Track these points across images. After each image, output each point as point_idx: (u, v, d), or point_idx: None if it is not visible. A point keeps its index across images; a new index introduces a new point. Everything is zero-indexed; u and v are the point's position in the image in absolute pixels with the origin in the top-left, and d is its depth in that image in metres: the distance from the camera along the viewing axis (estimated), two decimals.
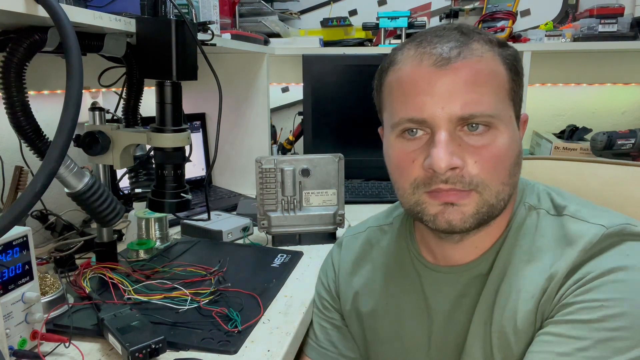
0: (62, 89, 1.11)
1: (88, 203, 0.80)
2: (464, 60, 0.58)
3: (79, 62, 0.59)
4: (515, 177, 0.63)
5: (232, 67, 1.60)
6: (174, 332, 0.74)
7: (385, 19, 1.77)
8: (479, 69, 0.58)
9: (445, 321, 0.69)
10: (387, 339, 0.75)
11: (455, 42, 0.59)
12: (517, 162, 0.62)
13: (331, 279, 0.84)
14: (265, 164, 1.11)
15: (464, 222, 0.60)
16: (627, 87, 1.99)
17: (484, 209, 0.60)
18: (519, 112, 0.65)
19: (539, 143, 1.89)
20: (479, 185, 0.59)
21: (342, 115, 1.68)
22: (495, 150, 0.59)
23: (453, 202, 0.60)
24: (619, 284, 0.55)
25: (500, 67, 0.61)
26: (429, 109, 0.58)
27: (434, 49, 0.59)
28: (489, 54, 0.60)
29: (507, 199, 0.62)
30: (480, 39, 0.61)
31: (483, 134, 0.59)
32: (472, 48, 0.59)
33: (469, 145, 0.59)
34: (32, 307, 0.68)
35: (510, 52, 0.63)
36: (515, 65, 0.63)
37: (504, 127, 0.60)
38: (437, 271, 0.70)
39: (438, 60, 0.58)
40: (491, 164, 0.59)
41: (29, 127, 0.73)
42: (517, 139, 0.63)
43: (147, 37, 0.80)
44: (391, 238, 0.78)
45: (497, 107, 0.59)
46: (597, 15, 1.68)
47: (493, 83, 0.59)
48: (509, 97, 0.61)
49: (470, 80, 0.58)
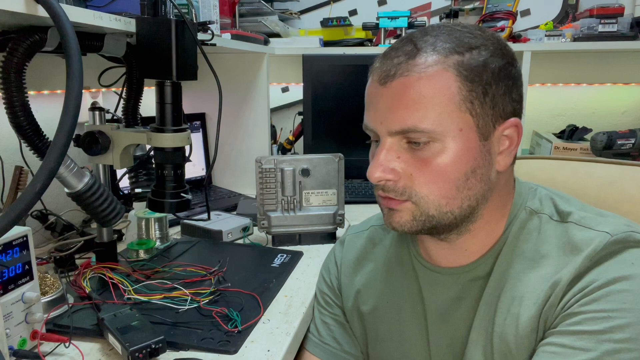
0: (62, 89, 1.11)
1: (88, 203, 0.80)
2: (401, 78, 0.60)
3: (79, 62, 0.59)
4: (471, 190, 0.61)
5: (232, 67, 1.60)
6: (174, 332, 0.74)
7: (385, 19, 1.77)
8: (416, 86, 0.59)
9: (441, 322, 0.69)
10: (387, 337, 0.75)
11: (404, 56, 0.61)
12: (473, 174, 0.61)
13: (334, 275, 0.84)
14: (265, 164, 1.11)
15: (401, 225, 0.64)
16: (627, 87, 1.99)
17: (422, 218, 0.63)
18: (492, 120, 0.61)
19: (539, 143, 1.89)
20: (412, 196, 0.62)
21: (342, 115, 1.68)
22: (436, 165, 0.60)
23: (391, 207, 0.64)
24: (624, 294, 0.54)
25: (448, 81, 0.59)
26: (372, 122, 0.63)
27: (383, 64, 0.62)
28: (433, 69, 0.59)
29: (458, 212, 0.62)
30: (431, 50, 0.60)
31: (423, 148, 0.60)
32: (415, 64, 0.59)
33: (410, 157, 0.61)
34: (32, 307, 0.68)
35: (475, 58, 0.59)
36: (479, 73, 0.59)
37: (450, 141, 0.59)
38: (434, 271, 0.71)
39: (382, 77, 0.62)
40: (429, 179, 0.60)
41: (29, 127, 0.73)
42: (475, 150, 0.60)
43: (147, 37, 0.80)
44: (393, 237, 0.78)
45: (437, 123, 0.59)
46: (597, 15, 1.68)
47: (434, 99, 0.58)
48: (459, 109, 0.59)
49: (406, 97, 0.59)
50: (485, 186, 0.63)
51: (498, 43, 0.63)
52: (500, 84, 0.61)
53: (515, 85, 0.63)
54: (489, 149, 0.62)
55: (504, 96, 0.61)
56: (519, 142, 0.64)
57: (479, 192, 0.62)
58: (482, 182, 0.62)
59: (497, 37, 0.64)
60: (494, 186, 0.64)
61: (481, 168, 0.61)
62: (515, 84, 0.63)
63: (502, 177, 0.65)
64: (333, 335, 0.81)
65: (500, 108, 0.61)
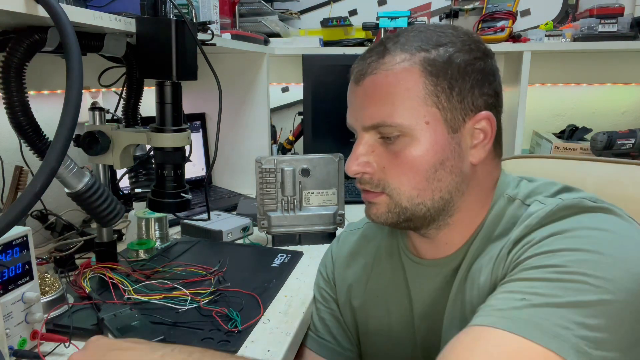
0: (62, 89, 1.11)
1: (88, 203, 0.80)
2: (371, 76, 0.64)
3: (79, 62, 0.59)
4: (442, 182, 0.63)
5: (232, 67, 1.60)
6: (174, 332, 0.74)
7: (385, 19, 1.76)
8: (383, 83, 0.63)
9: (426, 312, 0.71)
10: (376, 331, 0.77)
11: (375, 56, 0.64)
12: (442, 166, 0.62)
13: (330, 270, 0.85)
14: (265, 164, 1.11)
15: (377, 217, 0.67)
16: (627, 87, 1.99)
17: (396, 210, 0.65)
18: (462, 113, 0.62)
19: (539, 143, 1.89)
20: (386, 188, 0.65)
21: (342, 115, 1.65)
22: (406, 157, 0.63)
23: (369, 200, 0.68)
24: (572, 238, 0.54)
25: (413, 76, 0.61)
26: (350, 119, 0.68)
27: (358, 65, 0.67)
28: (400, 66, 0.62)
29: (430, 203, 0.64)
30: (400, 50, 0.63)
31: (394, 142, 0.63)
32: (383, 62, 0.63)
33: (384, 151, 0.64)
34: (32, 307, 0.68)
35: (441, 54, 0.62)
36: (444, 68, 0.61)
37: (420, 134, 0.62)
38: (419, 264, 0.72)
39: (356, 77, 0.66)
40: (400, 170, 0.63)
41: (29, 127, 0.73)
42: (442, 143, 0.62)
43: (147, 37, 0.80)
44: (386, 233, 0.80)
45: (403, 117, 0.61)
46: (597, 15, 1.68)
47: (399, 94, 0.62)
48: (425, 104, 0.61)
49: (375, 94, 0.63)
50: (458, 178, 0.64)
51: (468, 40, 0.64)
52: (466, 78, 0.62)
53: (486, 80, 0.64)
54: (459, 141, 0.63)
55: (472, 90, 0.63)
56: (493, 135, 0.65)
57: (451, 184, 0.64)
58: (452, 174, 0.64)
59: (469, 34, 0.65)
60: (469, 179, 0.65)
61: (450, 160, 0.63)
62: (487, 79, 0.64)
63: (481, 170, 0.66)
64: (330, 331, 0.82)
65: (469, 102, 0.63)
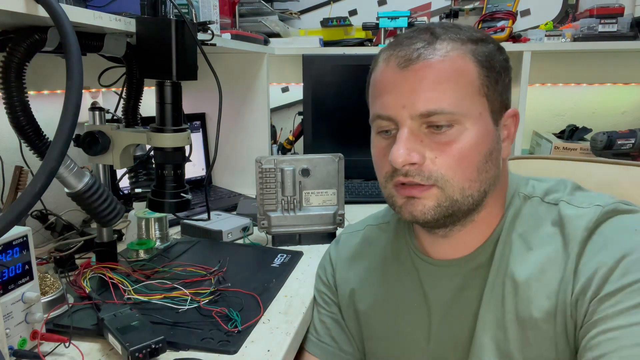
0: (62, 89, 1.11)
1: (88, 203, 0.80)
2: (424, 61, 0.61)
3: (79, 62, 0.59)
4: (488, 173, 0.63)
5: (232, 67, 1.60)
6: (174, 332, 0.74)
7: (385, 19, 1.77)
8: (440, 68, 0.61)
9: (445, 314, 0.69)
10: (384, 335, 0.76)
11: (422, 42, 0.62)
12: (490, 157, 0.63)
13: (329, 273, 0.85)
14: (265, 164, 1.11)
15: (424, 214, 0.63)
16: (627, 87, 1.99)
17: (445, 204, 0.62)
18: (500, 107, 0.65)
19: (539, 143, 1.89)
20: (438, 180, 0.61)
21: (342, 115, 1.68)
22: (459, 147, 0.61)
23: (414, 195, 0.63)
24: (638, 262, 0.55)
25: (468, 65, 0.62)
26: (392, 107, 0.62)
27: (400, 51, 0.63)
28: (454, 53, 0.62)
29: (476, 195, 0.63)
30: (449, 38, 0.63)
31: (446, 131, 0.61)
32: (435, 48, 0.62)
33: (432, 142, 0.61)
34: (32, 307, 0.68)
35: (486, 48, 0.63)
36: (491, 61, 0.63)
37: (471, 124, 0.61)
38: (435, 265, 0.71)
39: (402, 62, 0.62)
40: (453, 161, 0.61)
41: (29, 127, 0.73)
42: (491, 134, 0.63)
43: (147, 37, 0.80)
44: (390, 235, 0.79)
45: (461, 104, 0.61)
46: (597, 15, 1.68)
47: (457, 81, 0.61)
48: (479, 93, 0.62)
49: (430, 80, 0.61)
50: (497, 170, 0.65)
51: (497, 41, 0.67)
52: (505, 74, 0.65)
53: (511, 81, 0.67)
54: (499, 134, 0.65)
55: (507, 87, 0.66)
56: (515, 131, 0.68)
57: (493, 176, 0.65)
58: (495, 167, 0.65)
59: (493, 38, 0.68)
60: (500, 173, 0.67)
61: (495, 152, 0.64)
62: (511, 80, 0.67)
63: (504, 166, 0.68)
64: (330, 334, 0.82)
65: (506, 97, 0.66)
